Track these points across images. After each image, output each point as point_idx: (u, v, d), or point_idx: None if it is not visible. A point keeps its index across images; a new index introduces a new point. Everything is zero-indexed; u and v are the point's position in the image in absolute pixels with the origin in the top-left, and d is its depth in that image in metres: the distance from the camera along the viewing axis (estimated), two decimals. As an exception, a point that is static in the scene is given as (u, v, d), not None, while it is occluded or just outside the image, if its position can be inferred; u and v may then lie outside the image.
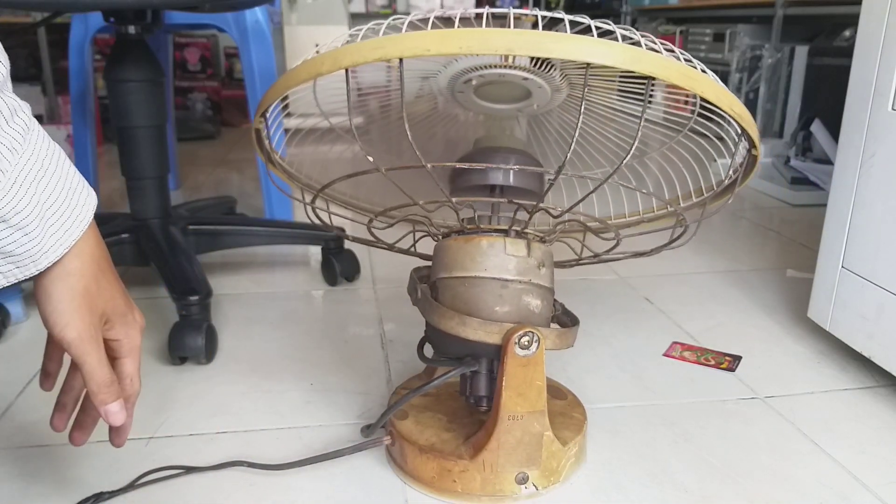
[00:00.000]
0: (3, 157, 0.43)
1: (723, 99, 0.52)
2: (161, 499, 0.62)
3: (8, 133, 0.43)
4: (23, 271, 0.46)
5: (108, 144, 2.22)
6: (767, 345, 0.91)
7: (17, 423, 0.73)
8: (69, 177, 0.47)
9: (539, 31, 0.47)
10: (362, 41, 0.49)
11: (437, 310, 0.60)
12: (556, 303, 0.67)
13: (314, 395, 0.78)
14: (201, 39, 2.81)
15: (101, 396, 0.51)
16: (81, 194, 0.48)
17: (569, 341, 0.62)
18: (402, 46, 0.47)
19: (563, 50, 0.46)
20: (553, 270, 0.63)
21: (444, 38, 0.46)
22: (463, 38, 0.46)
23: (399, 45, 0.47)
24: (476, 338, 0.58)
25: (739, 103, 0.54)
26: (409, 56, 0.47)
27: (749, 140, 0.58)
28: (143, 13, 0.96)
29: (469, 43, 0.46)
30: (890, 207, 0.76)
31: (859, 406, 0.77)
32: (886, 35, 0.75)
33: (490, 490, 0.60)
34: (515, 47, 0.46)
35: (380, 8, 3.23)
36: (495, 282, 0.58)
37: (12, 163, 0.43)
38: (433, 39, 0.46)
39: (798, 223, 1.48)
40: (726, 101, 0.52)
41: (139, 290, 1.10)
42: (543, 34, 0.46)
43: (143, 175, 1.00)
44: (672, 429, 0.72)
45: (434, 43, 0.46)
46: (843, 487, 0.63)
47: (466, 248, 0.60)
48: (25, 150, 0.44)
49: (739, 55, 2.18)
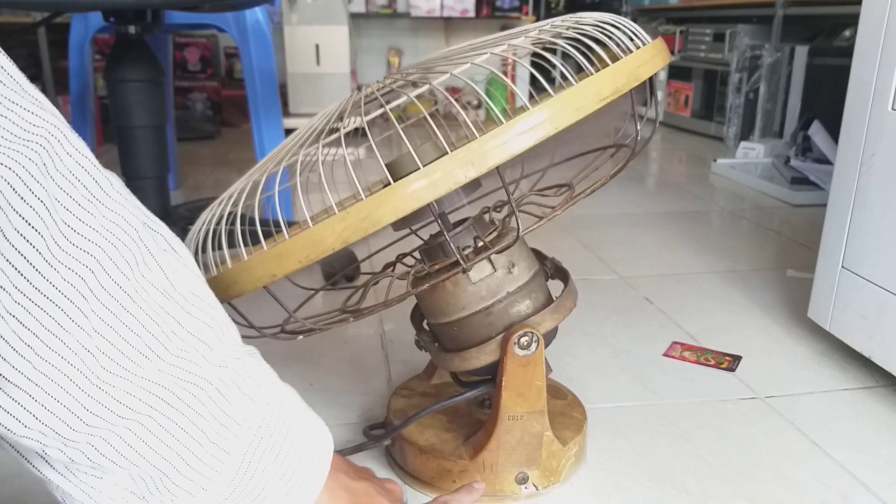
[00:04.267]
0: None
1: (621, 77, 0.48)
2: (161, 499, 0.62)
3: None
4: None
5: (108, 144, 2.22)
6: (767, 345, 0.91)
7: (16, 423, 0.73)
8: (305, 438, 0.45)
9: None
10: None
11: (437, 356, 0.62)
12: (545, 264, 0.64)
13: (314, 395, 0.78)
14: (201, 39, 2.81)
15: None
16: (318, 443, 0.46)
17: (566, 309, 0.60)
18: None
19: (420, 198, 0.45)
20: (527, 249, 0.61)
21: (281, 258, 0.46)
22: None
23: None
24: (480, 364, 0.58)
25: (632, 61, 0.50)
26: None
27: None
28: (143, 13, 0.96)
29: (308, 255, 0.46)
30: (890, 207, 0.76)
31: (859, 406, 0.77)
32: (886, 35, 0.75)
33: (490, 490, 0.60)
34: (349, 236, 0.45)
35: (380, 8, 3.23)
36: (478, 315, 0.57)
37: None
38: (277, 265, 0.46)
39: (798, 223, 1.48)
40: (625, 73, 0.48)
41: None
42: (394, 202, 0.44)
43: (142, 175, 1.00)
44: (672, 429, 0.72)
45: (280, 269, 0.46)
46: (843, 487, 0.63)
47: (438, 296, 0.58)
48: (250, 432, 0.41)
49: (739, 55, 2.18)
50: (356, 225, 0.44)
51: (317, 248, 0.45)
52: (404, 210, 0.44)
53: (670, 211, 1.57)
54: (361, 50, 3.31)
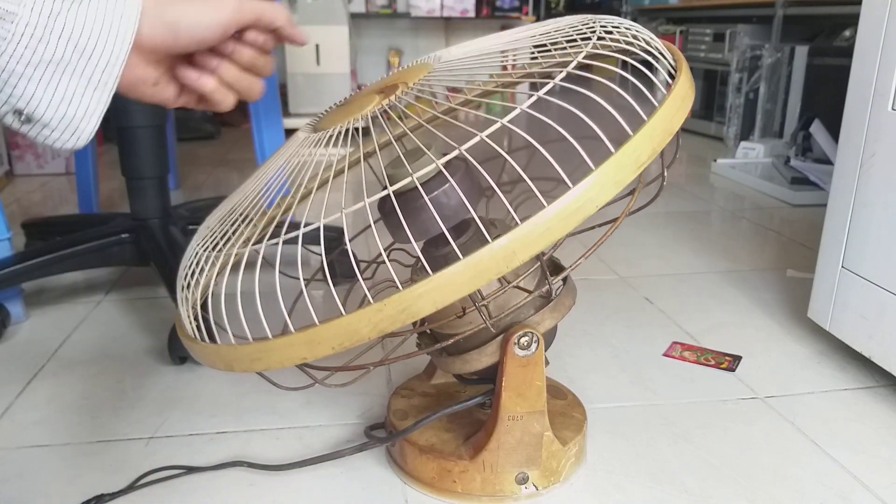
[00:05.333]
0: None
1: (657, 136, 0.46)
2: (161, 499, 0.62)
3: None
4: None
5: (108, 144, 2.22)
6: (767, 345, 0.91)
7: (17, 423, 0.73)
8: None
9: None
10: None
11: (438, 358, 0.62)
12: (544, 263, 0.63)
13: (314, 396, 0.78)
14: (201, 39, 2.80)
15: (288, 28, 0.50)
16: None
17: (565, 308, 0.59)
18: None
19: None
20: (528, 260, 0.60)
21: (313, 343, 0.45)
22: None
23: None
24: (481, 366, 0.58)
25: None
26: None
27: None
28: (143, 13, 0.96)
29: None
30: (890, 207, 0.76)
31: (859, 406, 0.77)
32: (886, 35, 0.75)
33: (490, 490, 0.60)
34: (385, 327, 0.44)
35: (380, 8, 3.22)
36: (484, 331, 0.56)
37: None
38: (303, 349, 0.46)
39: (798, 223, 1.48)
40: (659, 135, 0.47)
41: (139, 290, 1.10)
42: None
43: (143, 175, 1.00)
44: (672, 429, 0.72)
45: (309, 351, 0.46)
46: (843, 487, 0.63)
47: (444, 310, 0.57)
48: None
49: (739, 55, 2.18)
50: (394, 317, 0.44)
51: (351, 338, 0.45)
52: (444, 302, 0.44)
53: (670, 211, 1.57)
54: (361, 50, 3.31)
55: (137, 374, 0.83)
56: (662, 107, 0.47)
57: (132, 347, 0.90)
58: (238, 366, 0.48)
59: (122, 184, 1.04)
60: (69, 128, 0.43)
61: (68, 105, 0.42)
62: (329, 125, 0.54)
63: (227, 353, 0.49)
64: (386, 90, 0.54)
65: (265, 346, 0.47)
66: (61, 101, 0.42)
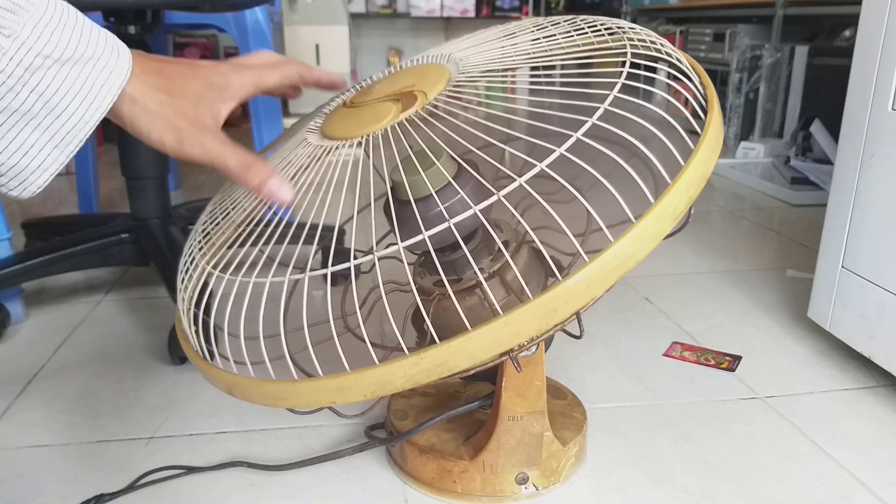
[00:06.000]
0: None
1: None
2: (161, 499, 0.62)
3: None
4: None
5: (108, 144, 2.22)
6: (767, 345, 0.91)
7: (17, 422, 0.73)
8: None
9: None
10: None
11: None
12: (544, 263, 0.62)
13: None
14: (201, 39, 2.81)
15: (253, 183, 0.47)
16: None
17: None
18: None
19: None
20: (536, 260, 0.60)
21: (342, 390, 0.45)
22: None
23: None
24: (480, 360, 0.57)
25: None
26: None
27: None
28: (143, 13, 0.96)
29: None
30: (890, 207, 0.76)
31: (859, 406, 0.77)
32: (886, 35, 0.75)
33: (490, 490, 0.60)
34: (420, 379, 0.44)
35: (380, 8, 3.22)
36: None
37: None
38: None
39: (798, 223, 1.48)
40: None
41: (139, 290, 1.10)
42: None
43: (143, 175, 1.00)
44: (672, 429, 0.72)
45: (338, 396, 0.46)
46: (843, 487, 0.63)
47: (450, 316, 0.56)
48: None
49: (739, 55, 2.18)
50: (430, 370, 0.44)
51: (384, 387, 0.44)
52: (481, 358, 0.44)
53: (670, 211, 1.56)
54: (361, 50, 3.31)
55: (137, 374, 0.83)
56: (699, 152, 0.46)
57: (132, 347, 0.90)
58: (260, 400, 0.48)
59: (122, 184, 1.04)
60: (18, 177, 0.42)
61: (22, 155, 0.42)
62: (339, 131, 0.53)
63: (248, 385, 0.48)
64: (402, 99, 0.52)
65: (293, 388, 0.47)
66: (17, 150, 0.42)
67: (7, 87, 0.39)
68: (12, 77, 0.39)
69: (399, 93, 0.54)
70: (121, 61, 0.43)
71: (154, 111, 0.45)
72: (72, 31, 0.41)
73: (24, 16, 0.39)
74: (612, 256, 0.43)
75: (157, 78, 0.45)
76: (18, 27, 0.38)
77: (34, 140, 0.42)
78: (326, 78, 0.58)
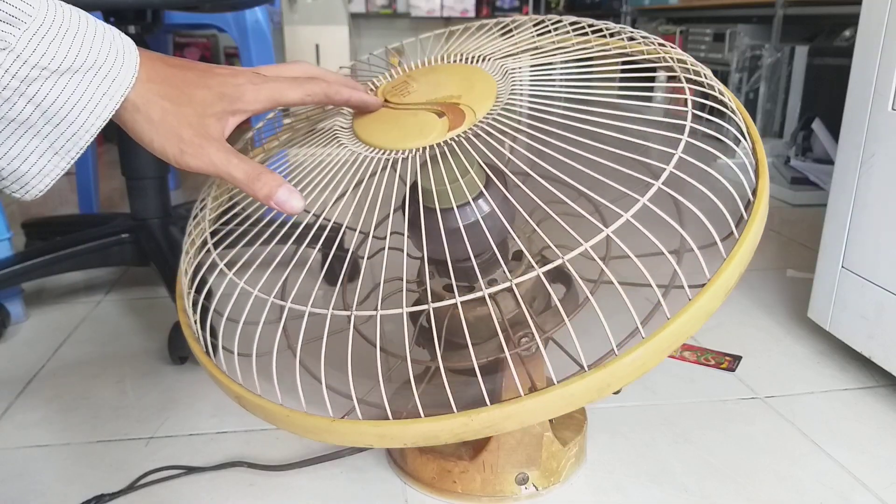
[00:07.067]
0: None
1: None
2: (161, 499, 0.62)
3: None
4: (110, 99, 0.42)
5: (108, 144, 2.22)
6: (767, 345, 0.91)
7: (16, 422, 0.73)
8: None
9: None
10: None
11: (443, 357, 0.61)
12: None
13: (314, 395, 0.78)
14: (201, 39, 2.81)
15: (262, 194, 0.46)
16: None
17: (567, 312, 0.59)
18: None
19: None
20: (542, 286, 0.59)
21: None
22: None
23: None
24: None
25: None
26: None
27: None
28: (143, 13, 0.96)
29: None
30: (890, 207, 0.76)
31: (859, 406, 0.77)
32: (886, 35, 0.75)
33: (490, 490, 0.60)
34: (465, 437, 0.44)
35: (380, 8, 3.22)
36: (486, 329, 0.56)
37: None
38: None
39: (798, 223, 1.48)
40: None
41: (139, 290, 1.10)
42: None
43: (143, 175, 1.00)
44: (672, 429, 0.72)
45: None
46: (843, 487, 0.63)
47: (456, 324, 0.55)
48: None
49: (739, 55, 2.18)
50: (477, 430, 0.43)
51: (428, 440, 0.44)
52: (530, 422, 0.44)
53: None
54: (361, 50, 3.31)
55: (137, 374, 0.83)
56: (752, 228, 0.46)
57: (132, 347, 0.90)
58: (301, 432, 0.49)
59: (122, 184, 1.04)
60: (19, 181, 0.43)
61: (22, 162, 0.42)
62: (376, 137, 0.51)
63: (285, 416, 0.49)
64: (448, 112, 0.49)
65: (332, 426, 0.47)
66: (16, 157, 0.42)
67: (3, 98, 0.39)
68: (7, 89, 0.39)
69: (444, 103, 0.51)
70: (125, 68, 0.43)
71: (157, 120, 0.45)
72: (72, 39, 0.40)
73: (21, 27, 0.39)
74: (668, 334, 0.43)
75: (163, 86, 0.45)
76: (14, 39, 0.38)
77: (34, 147, 0.42)
78: (357, 98, 0.54)
